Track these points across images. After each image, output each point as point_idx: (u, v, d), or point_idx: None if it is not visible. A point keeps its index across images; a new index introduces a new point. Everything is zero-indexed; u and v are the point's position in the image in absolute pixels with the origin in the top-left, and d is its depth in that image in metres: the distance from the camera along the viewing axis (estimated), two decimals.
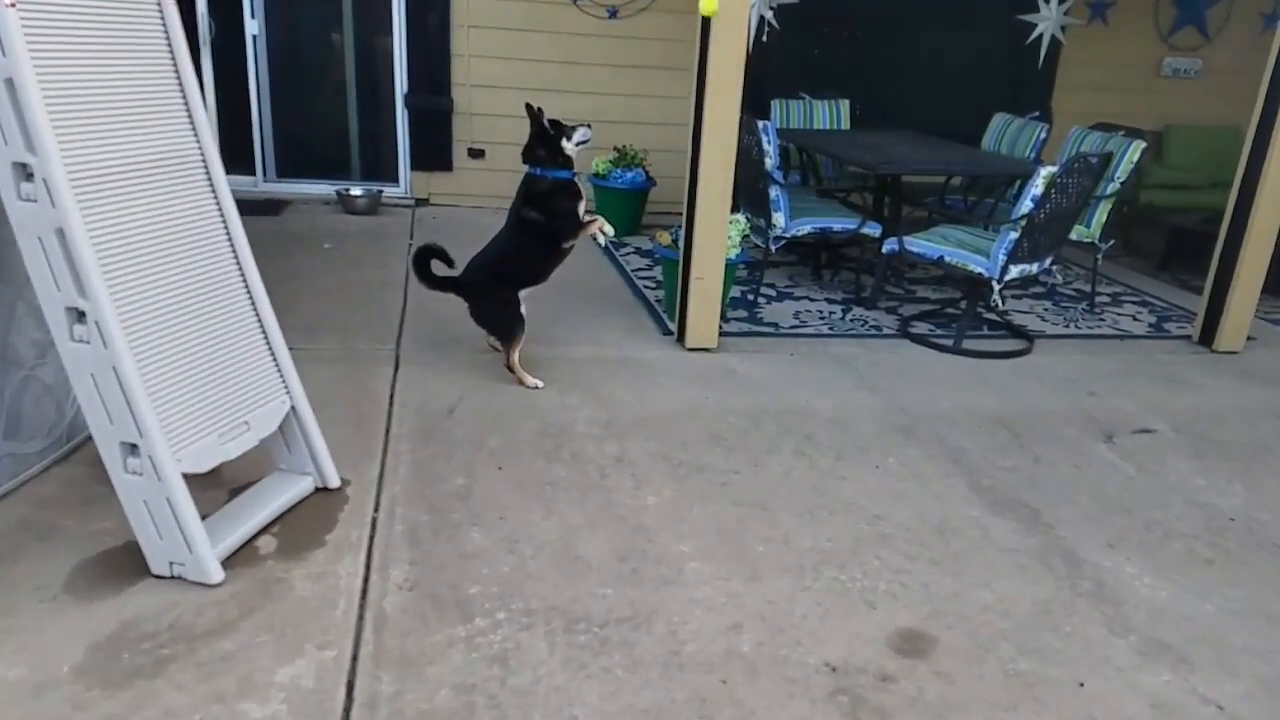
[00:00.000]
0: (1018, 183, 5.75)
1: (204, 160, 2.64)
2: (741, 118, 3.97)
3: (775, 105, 6.16)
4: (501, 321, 3.77)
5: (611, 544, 2.70)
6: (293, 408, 2.81)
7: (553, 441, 3.30)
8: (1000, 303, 4.54)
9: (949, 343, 4.51)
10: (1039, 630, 2.43)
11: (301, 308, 4.48)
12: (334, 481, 2.89)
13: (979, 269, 4.33)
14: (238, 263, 2.73)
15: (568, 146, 3.67)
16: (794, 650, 2.29)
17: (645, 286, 5.20)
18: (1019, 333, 4.79)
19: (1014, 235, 4.20)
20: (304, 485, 2.85)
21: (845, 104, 6.37)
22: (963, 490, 3.14)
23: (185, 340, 2.46)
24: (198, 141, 2.62)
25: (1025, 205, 4.14)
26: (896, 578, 2.62)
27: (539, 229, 3.73)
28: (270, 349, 2.77)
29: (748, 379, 4.01)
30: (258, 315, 2.76)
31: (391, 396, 3.58)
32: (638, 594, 2.47)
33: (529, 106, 3.75)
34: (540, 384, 3.74)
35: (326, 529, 2.68)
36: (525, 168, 3.76)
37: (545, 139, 3.65)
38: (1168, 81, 7.40)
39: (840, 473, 3.22)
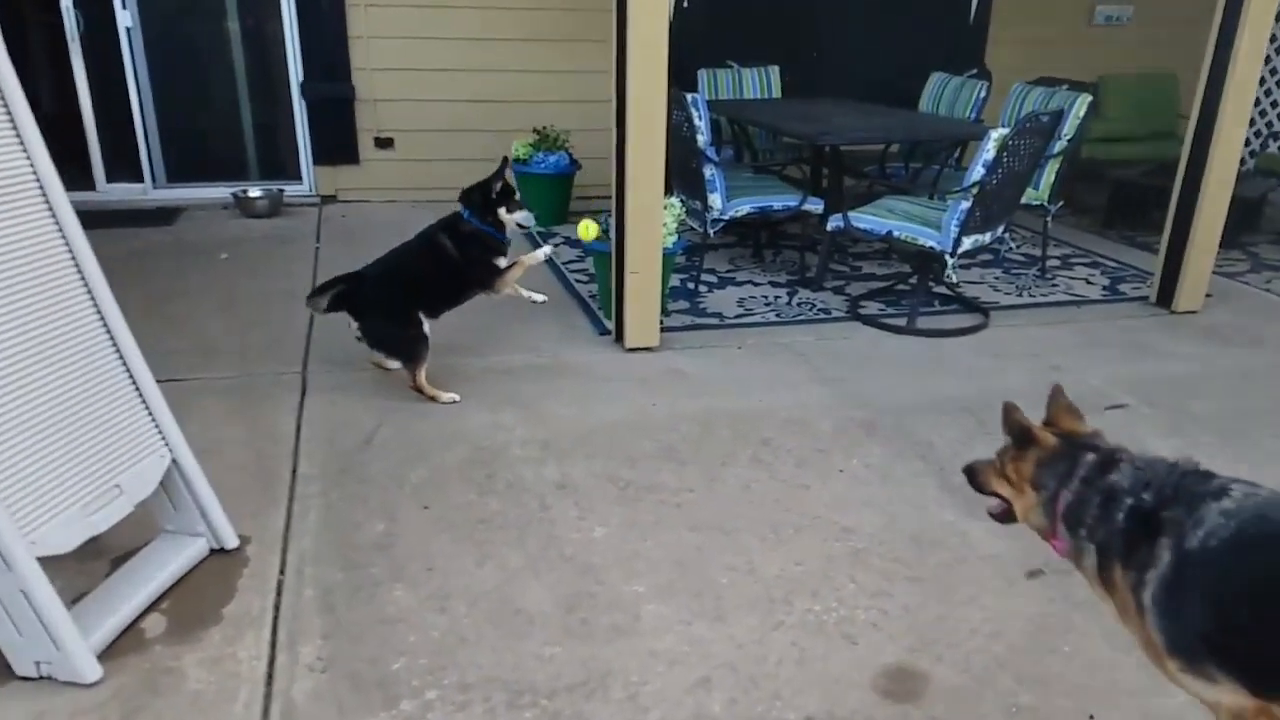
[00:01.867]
0: (958, 147, 5.57)
1: (38, 179, 2.23)
2: (669, 91, 3.63)
3: (702, 76, 5.84)
4: (400, 343, 3.41)
5: (556, 590, 2.39)
6: (174, 461, 2.45)
7: (484, 470, 2.96)
8: (953, 277, 4.31)
9: (902, 323, 4.28)
10: (1037, 653, 2.20)
11: (193, 329, 4.09)
12: (230, 541, 2.54)
13: (930, 243, 4.09)
14: (90, 297, 2.34)
15: (503, 214, 3.51)
16: (771, 706, 2.02)
17: (577, 280, 4.85)
18: (973, 306, 4.58)
19: (965, 204, 3.96)
20: (196, 548, 2.50)
21: (775, 70, 6.09)
22: (934, 491, 2.90)
23: (27, 397, 2.08)
24: (28, 158, 2.21)
25: (976, 171, 3.90)
26: (875, 603, 2.36)
27: (448, 262, 3.49)
28: (140, 394, 2.40)
29: (695, 380, 3.72)
30: (121, 356, 2.38)
31: (298, 429, 3.21)
32: (589, 650, 2.17)
33: (505, 160, 3.65)
34: (456, 398, 3.43)
35: (224, 600, 2.34)
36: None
37: (486, 196, 3.50)
38: (1101, 30, 7.26)
39: (803, 480, 2.95)
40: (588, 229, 3.65)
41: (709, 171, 4.46)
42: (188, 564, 2.44)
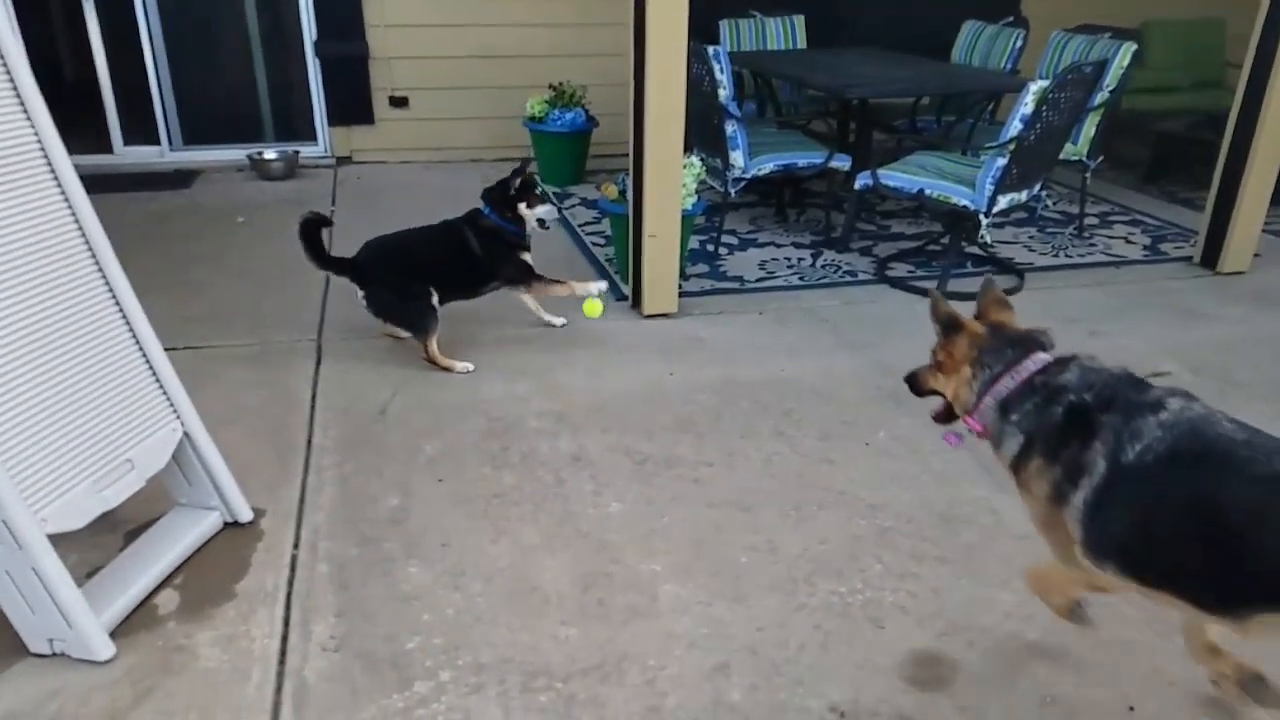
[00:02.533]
0: (993, 100, 5.34)
1: (42, 148, 2.17)
2: (689, 44, 3.47)
3: (724, 26, 5.64)
4: (409, 314, 3.38)
5: (572, 568, 2.34)
6: (186, 434, 2.41)
7: (499, 442, 2.90)
8: (987, 237, 4.14)
9: (933, 285, 4.12)
10: (1072, 639, 2.10)
11: (209, 296, 4.06)
12: (245, 515, 2.52)
13: (964, 201, 3.92)
14: (98, 267, 2.29)
15: (523, 209, 3.49)
16: (793, 693, 1.96)
17: (594, 244, 4.74)
18: (1007, 267, 4.41)
19: (1002, 161, 3.78)
20: (210, 522, 2.48)
21: (800, 20, 5.86)
22: (966, 465, 2.79)
23: (36, 370, 2.05)
24: (31, 126, 2.15)
25: (1014, 126, 3.71)
26: (902, 585, 2.28)
27: (467, 253, 3.46)
28: (150, 366, 2.36)
29: (715, 347, 3.62)
30: (130, 328, 2.33)
31: (313, 398, 3.17)
32: (605, 632, 2.12)
33: (527, 159, 3.70)
34: (470, 367, 3.38)
35: (237, 575, 2.31)
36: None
37: (505, 193, 3.48)
38: None
39: (827, 455, 2.85)
40: (593, 307, 3.49)
41: (730, 127, 4.29)
42: (201, 538, 2.42)
